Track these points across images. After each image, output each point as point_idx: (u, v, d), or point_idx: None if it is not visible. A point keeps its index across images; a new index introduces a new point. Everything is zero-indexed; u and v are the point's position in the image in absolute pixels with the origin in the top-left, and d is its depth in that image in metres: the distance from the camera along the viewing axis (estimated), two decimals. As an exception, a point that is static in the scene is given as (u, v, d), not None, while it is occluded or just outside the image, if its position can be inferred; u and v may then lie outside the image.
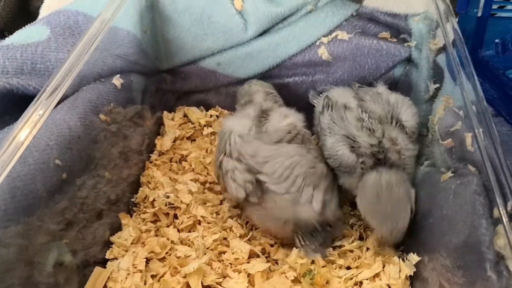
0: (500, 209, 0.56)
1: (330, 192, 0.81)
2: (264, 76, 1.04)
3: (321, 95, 0.97)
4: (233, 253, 0.82)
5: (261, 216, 0.82)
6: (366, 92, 0.89)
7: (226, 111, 1.11)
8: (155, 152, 1.02)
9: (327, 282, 0.77)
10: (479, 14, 0.89)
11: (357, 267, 0.81)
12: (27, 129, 0.61)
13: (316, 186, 0.79)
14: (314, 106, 0.97)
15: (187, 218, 0.88)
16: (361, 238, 0.87)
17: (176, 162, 1.02)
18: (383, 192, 0.76)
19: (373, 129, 0.81)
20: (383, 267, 0.79)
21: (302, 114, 0.91)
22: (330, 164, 0.84)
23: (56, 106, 0.67)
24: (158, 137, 1.05)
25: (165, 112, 1.09)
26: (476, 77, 0.71)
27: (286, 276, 0.78)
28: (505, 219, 0.55)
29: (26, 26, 0.85)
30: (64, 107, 0.73)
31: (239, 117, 0.91)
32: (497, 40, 0.93)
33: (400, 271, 0.78)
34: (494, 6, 0.91)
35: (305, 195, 0.78)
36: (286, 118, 0.88)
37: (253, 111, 0.89)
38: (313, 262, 0.80)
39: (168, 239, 0.85)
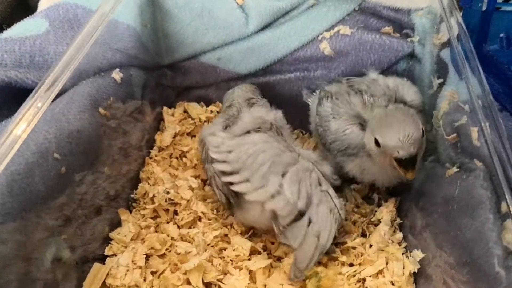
0: (509, 203, 0.55)
1: (303, 183, 0.77)
2: (265, 71, 1.03)
3: (314, 93, 0.98)
4: (234, 250, 0.81)
5: (241, 214, 0.82)
6: (361, 82, 0.88)
7: (226, 107, 1.10)
8: (155, 147, 1.02)
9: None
10: (484, 8, 0.88)
11: (360, 264, 0.80)
12: (24, 122, 0.60)
13: (284, 174, 0.77)
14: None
15: (187, 214, 0.87)
16: (363, 235, 0.86)
17: (176, 158, 1.01)
18: (392, 110, 0.76)
19: (381, 106, 0.80)
20: (387, 264, 0.78)
21: (280, 111, 0.91)
22: (335, 149, 0.84)
23: (54, 99, 0.67)
24: (158, 132, 1.05)
25: (165, 108, 1.08)
26: (481, 71, 0.70)
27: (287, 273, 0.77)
28: (513, 214, 0.54)
29: (25, 19, 0.84)
30: (63, 100, 0.73)
31: (212, 124, 0.91)
32: (502, 35, 0.92)
33: (404, 268, 0.77)
34: (499, 0, 0.90)
35: (271, 184, 0.75)
36: (253, 113, 0.88)
37: (222, 117, 0.91)
38: (319, 263, 0.78)
39: (168, 235, 0.84)
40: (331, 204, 0.78)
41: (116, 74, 0.85)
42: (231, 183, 0.77)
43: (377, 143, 0.74)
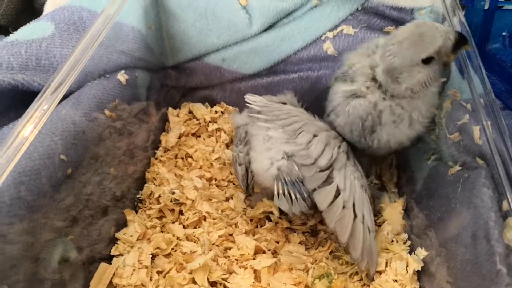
0: (510, 201, 0.55)
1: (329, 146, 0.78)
2: (269, 71, 1.03)
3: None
4: (239, 249, 0.82)
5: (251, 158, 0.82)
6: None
7: (231, 107, 1.10)
8: (160, 148, 1.02)
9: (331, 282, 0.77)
10: (486, 7, 0.88)
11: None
12: (31, 124, 0.61)
13: (315, 135, 0.79)
14: (320, 103, 0.96)
15: (193, 214, 0.88)
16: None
17: (182, 158, 1.01)
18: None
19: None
20: (389, 262, 0.79)
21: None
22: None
23: (60, 101, 0.68)
24: (163, 133, 1.05)
25: (170, 109, 1.09)
26: (483, 70, 0.70)
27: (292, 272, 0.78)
28: (515, 212, 0.54)
29: (31, 22, 0.85)
30: (69, 102, 0.73)
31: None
32: (504, 33, 0.92)
33: (407, 266, 0.77)
34: (501, -1, 0.90)
35: (301, 138, 0.78)
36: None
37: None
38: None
39: (173, 235, 0.85)
40: (362, 180, 0.79)
41: (121, 76, 0.85)
42: None
43: (427, 60, 0.72)
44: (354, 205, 0.75)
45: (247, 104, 0.85)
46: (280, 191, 0.76)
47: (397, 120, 0.79)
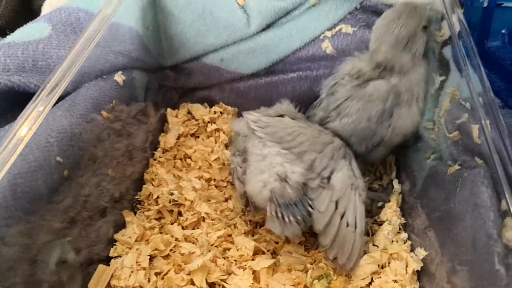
0: (508, 201, 0.55)
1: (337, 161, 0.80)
2: (268, 71, 1.03)
3: None
4: (237, 250, 0.81)
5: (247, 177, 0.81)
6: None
7: (230, 107, 1.10)
8: (159, 149, 1.02)
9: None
10: (485, 5, 0.88)
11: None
12: (27, 126, 0.61)
13: (320, 151, 0.79)
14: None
15: (191, 215, 0.88)
16: (367, 234, 0.86)
17: (180, 159, 1.01)
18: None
19: None
20: (389, 263, 0.78)
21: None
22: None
23: (57, 103, 0.67)
24: (162, 134, 1.05)
25: (168, 109, 1.09)
26: (482, 68, 0.69)
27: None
28: (513, 212, 0.54)
29: (28, 23, 0.85)
30: (65, 104, 0.73)
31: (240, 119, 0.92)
32: (503, 31, 0.91)
33: (407, 266, 0.77)
34: (500, -4, 0.90)
35: (307, 158, 0.78)
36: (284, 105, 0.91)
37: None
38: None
39: (172, 236, 0.84)
40: (354, 179, 0.79)
41: (119, 77, 0.85)
42: None
43: (424, 27, 0.83)
44: (337, 201, 0.76)
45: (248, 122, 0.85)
46: (273, 213, 0.75)
47: (409, 99, 0.84)
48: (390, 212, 0.87)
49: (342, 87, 0.86)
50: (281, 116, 0.86)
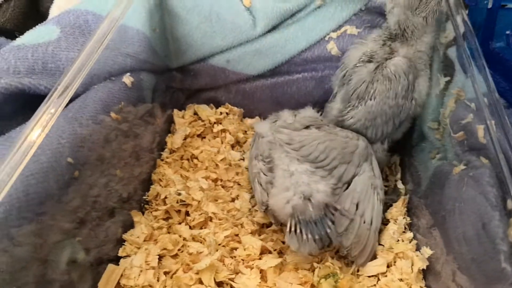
0: (514, 200, 0.55)
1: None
2: (274, 72, 1.04)
3: None
4: (245, 249, 0.82)
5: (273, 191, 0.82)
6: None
7: (236, 108, 1.11)
8: (166, 150, 1.03)
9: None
10: (490, 6, 0.88)
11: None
12: (39, 128, 0.61)
13: (349, 162, 0.82)
14: (324, 102, 0.97)
15: (199, 215, 0.88)
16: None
17: (187, 159, 1.02)
18: None
19: None
20: (395, 262, 0.79)
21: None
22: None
23: (67, 105, 0.68)
24: (169, 135, 1.06)
25: (175, 110, 1.10)
26: (487, 69, 0.70)
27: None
28: (518, 210, 0.55)
29: (37, 26, 0.86)
30: (75, 105, 0.74)
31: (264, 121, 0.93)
32: (508, 32, 0.92)
33: (412, 265, 0.77)
34: (505, -2, 0.90)
35: (337, 171, 0.80)
36: (306, 113, 0.91)
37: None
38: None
39: (180, 236, 0.85)
40: (374, 179, 0.83)
41: (127, 79, 0.86)
42: None
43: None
44: (358, 203, 0.79)
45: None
46: (292, 229, 0.76)
47: (422, 67, 0.87)
48: (396, 211, 0.88)
49: (356, 73, 0.88)
50: (307, 127, 0.86)
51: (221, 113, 1.10)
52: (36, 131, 0.61)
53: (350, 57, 0.90)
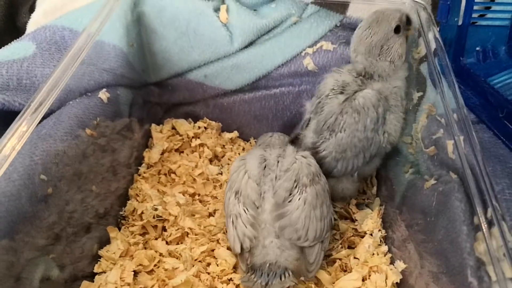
0: (480, 216, 0.56)
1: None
2: (251, 87, 1.04)
3: None
4: (217, 265, 0.82)
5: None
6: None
7: (214, 122, 1.11)
8: (143, 164, 1.03)
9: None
10: (460, 23, 0.90)
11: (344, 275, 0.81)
12: (11, 145, 0.61)
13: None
14: (300, 117, 0.98)
15: (175, 230, 0.88)
16: (349, 247, 0.88)
17: (165, 174, 1.02)
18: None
19: None
20: (369, 275, 0.80)
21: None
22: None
23: (41, 121, 0.68)
24: (147, 149, 1.06)
25: (153, 125, 1.10)
26: (456, 85, 0.72)
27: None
28: (484, 226, 0.56)
29: (12, 42, 0.86)
30: (50, 122, 0.74)
31: (252, 157, 0.87)
32: (478, 48, 0.94)
33: (386, 279, 0.78)
34: (475, 15, 0.93)
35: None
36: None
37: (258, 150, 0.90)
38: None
39: (156, 251, 0.85)
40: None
41: (103, 94, 0.86)
42: None
43: (397, 29, 0.84)
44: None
45: None
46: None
47: (395, 103, 0.86)
48: (372, 223, 0.89)
49: (328, 104, 0.87)
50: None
51: (199, 127, 1.10)
52: (8, 148, 0.61)
53: (326, 85, 0.90)
